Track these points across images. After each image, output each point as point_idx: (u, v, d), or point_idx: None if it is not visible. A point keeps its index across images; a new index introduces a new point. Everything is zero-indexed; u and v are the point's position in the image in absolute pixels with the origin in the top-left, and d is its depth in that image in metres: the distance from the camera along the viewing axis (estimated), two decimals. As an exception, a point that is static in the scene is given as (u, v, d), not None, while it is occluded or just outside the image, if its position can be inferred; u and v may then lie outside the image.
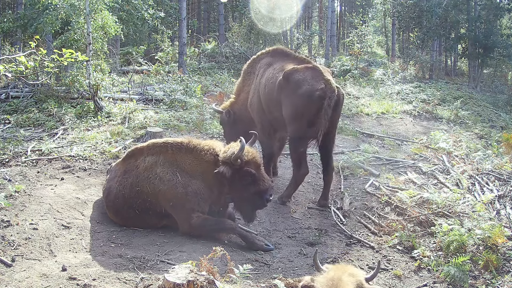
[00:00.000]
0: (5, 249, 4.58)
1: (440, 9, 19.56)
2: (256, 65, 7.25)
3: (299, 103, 6.17)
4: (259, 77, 7.02)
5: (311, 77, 6.22)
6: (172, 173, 5.31)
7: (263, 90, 6.77)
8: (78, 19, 10.78)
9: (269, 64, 6.96)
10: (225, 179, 5.18)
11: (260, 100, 6.88)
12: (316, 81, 6.16)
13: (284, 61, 6.77)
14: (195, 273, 3.66)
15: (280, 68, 6.60)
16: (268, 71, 6.84)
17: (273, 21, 18.47)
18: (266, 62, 7.07)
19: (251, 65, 7.38)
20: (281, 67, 6.62)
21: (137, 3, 15.24)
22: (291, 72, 6.33)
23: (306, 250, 5.41)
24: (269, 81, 6.68)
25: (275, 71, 6.67)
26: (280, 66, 6.69)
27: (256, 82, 7.05)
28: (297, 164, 6.56)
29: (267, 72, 6.85)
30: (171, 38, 20.14)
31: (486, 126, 12.34)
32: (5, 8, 23.84)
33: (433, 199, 6.15)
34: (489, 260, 4.82)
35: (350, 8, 39.27)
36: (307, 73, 6.29)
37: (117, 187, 5.52)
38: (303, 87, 6.15)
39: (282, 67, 6.59)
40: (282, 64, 6.67)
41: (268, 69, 6.88)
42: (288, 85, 6.30)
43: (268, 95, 6.65)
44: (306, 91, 6.11)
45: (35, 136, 8.80)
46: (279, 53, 7.11)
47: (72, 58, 5.25)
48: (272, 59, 7.03)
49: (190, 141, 5.49)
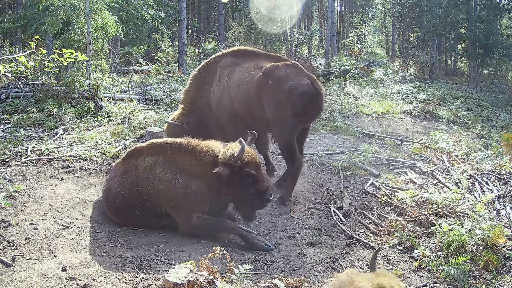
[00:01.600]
0: (5, 249, 4.58)
1: (440, 9, 19.55)
2: (212, 69, 6.98)
3: (285, 100, 6.16)
4: (224, 80, 6.80)
5: (294, 74, 6.26)
6: (172, 174, 5.31)
7: (236, 91, 6.62)
8: (78, 19, 10.79)
9: (236, 64, 6.78)
10: (224, 179, 5.17)
11: (231, 102, 6.71)
12: (300, 77, 6.23)
13: (256, 59, 6.69)
14: (195, 273, 3.67)
15: (256, 66, 6.51)
16: (238, 71, 6.69)
17: (273, 21, 18.47)
18: (229, 63, 6.86)
19: (204, 69, 7.08)
20: (256, 65, 6.53)
21: (137, 3, 15.26)
22: (272, 69, 6.29)
23: (306, 250, 5.41)
24: (244, 80, 6.55)
25: (249, 69, 6.55)
26: (254, 64, 6.58)
27: (222, 85, 6.82)
28: (290, 159, 6.53)
29: (236, 72, 6.69)
30: (171, 38, 20.15)
31: (486, 126, 12.33)
32: (5, 8, 23.84)
33: (433, 199, 6.15)
34: (489, 260, 4.82)
35: (350, 8, 39.28)
36: (289, 70, 6.31)
37: (117, 187, 5.52)
38: (288, 84, 6.15)
39: (258, 65, 6.51)
40: (256, 62, 6.59)
41: (237, 69, 6.72)
42: (269, 82, 6.26)
43: (245, 95, 6.52)
44: (291, 87, 6.13)
45: (35, 136, 8.80)
46: (244, 53, 6.97)
47: (72, 58, 5.25)
48: (236, 59, 6.85)
49: (189, 141, 5.49)
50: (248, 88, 6.49)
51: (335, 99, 14.29)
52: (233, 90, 6.70)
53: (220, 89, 6.86)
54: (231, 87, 6.71)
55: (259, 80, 6.33)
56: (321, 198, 7.07)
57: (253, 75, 6.45)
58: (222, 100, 6.86)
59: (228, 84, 6.76)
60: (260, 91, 6.35)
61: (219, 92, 6.88)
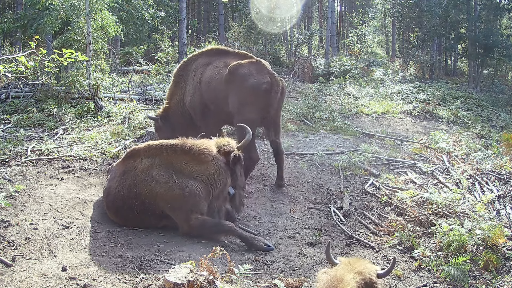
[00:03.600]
0: (5, 249, 4.58)
1: (440, 9, 19.54)
2: (189, 67, 7.43)
3: (246, 96, 6.55)
4: (197, 77, 7.22)
5: (256, 71, 6.64)
6: (168, 176, 5.31)
7: (207, 88, 7.01)
8: (78, 19, 10.78)
9: (208, 63, 7.19)
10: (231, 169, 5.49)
11: (203, 98, 7.11)
12: (262, 74, 6.62)
13: (225, 58, 7.10)
14: (195, 273, 3.67)
15: (224, 64, 6.91)
16: (209, 69, 7.10)
17: (273, 21, 18.45)
18: (202, 62, 7.28)
19: (182, 68, 7.54)
20: (225, 63, 6.92)
21: (137, 3, 15.25)
22: (236, 67, 6.67)
23: (306, 250, 5.41)
24: (213, 77, 6.95)
25: (219, 67, 6.97)
26: (223, 62, 6.98)
27: (195, 82, 7.23)
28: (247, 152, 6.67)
29: (208, 70, 7.10)
30: (171, 38, 20.13)
31: (486, 126, 12.34)
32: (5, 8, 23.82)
33: (433, 199, 6.15)
34: (489, 260, 4.82)
35: (350, 8, 39.26)
36: (252, 67, 6.69)
37: (116, 187, 5.52)
38: (250, 81, 6.55)
39: (226, 63, 6.90)
40: (225, 61, 6.99)
41: (208, 67, 7.13)
42: (234, 79, 6.64)
43: (214, 91, 6.90)
44: (253, 84, 6.52)
45: (35, 136, 8.80)
46: (216, 52, 7.40)
47: (72, 58, 5.24)
48: (209, 58, 7.27)
49: (185, 142, 5.48)
50: (217, 85, 6.87)
51: (335, 99, 14.30)
52: (204, 86, 7.09)
53: (193, 86, 7.27)
54: (203, 84, 7.11)
55: (226, 77, 6.73)
56: (321, 198, 7.07)
57: (221, 73, 6.85)
58: (195, 96, 7.26)
59: (201, 81, 7.16)
60: (226, 87, 6.74)
61: (192, 88, 7.30)
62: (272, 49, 20.30)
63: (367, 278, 3.17)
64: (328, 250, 3.51)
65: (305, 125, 11.10)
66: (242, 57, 7.03)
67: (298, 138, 10.03)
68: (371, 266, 3.40)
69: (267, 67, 6.77)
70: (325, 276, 3.17)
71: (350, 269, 3.21)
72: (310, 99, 12.37)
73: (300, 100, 13.19)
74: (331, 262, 3.47)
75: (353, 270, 3.20)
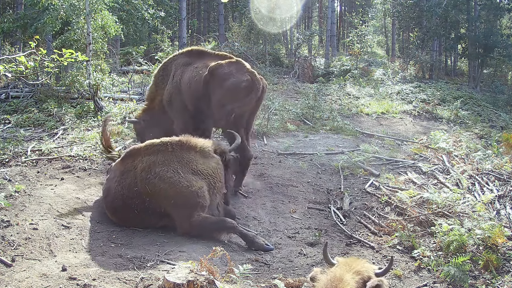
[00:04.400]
0: (5, 249, 4.58)
1: (440, 9, 19.55)
2: (169, 68, 7.44)
3: (227, 95, 6.59)
4: (177, 77, 7.22)
5: (236, 70, 6.67)
6: (173, 171, 5.32)
7: (187, 88, 7.01)
8: (78, 19, 10.78)
9: (188, 64, 7.20)
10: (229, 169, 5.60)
11: (182, 98, 7.12)
12: (241, 74, 6.65)
13: (205, 58, 7.12)
14: (195, 273, 3.67)
15: (204, 65, 6.91)
16: (189, 69, 7.10)
17: (273, 21, 18.46)
18: (182, 62, 7.29)
19: (162, 69, 7.55)
20: (204, 64, 6.93)
21: (137, 3, 15.24)
22: (216, 67, 6.68)
23: (306, 250, 5.41)
24: (193, 78, 6.93)
25: (198, 68, 6.96)
26: (202, 63, 6.99)
27: (175, 82, 7.24)
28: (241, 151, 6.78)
29: (188, 71, 7.10)
30: (171, 38, 20.12)
31: (486, 126, 12.34)
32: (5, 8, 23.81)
33: (433, 199, 6.15)
34: (489, 260, 4.82)
35: (350, 8, 39.24)
36: (232, 67, 6.72)
37: (116, 187, 5.52)
38: (230, 80, 6.58)
39: (205, 63, 6.90)
40: (205, 61, 6.99)
41: (188, 68, 7.13)
42: (214, 79, 6.65)
43: (194, 91, 6.89)
44: (233, 83, 6.55)
45: (35, 136, 8.80)
46: (196, 53, 7.41)
47: (72, 58, 5.24)
48: (189, 59, 7.28)
49: (188, 139, 5.51)
50: (197, 85, 6.87)
51: (335, 99, 14.30)
52: (184, 87, 7.09)
53: (173, 86, 7.27)
54: (183, 84, 7.12)
55: (206, 78, 6.74)
56: (321, 198, 7.08)
57: (201, 73, 6.86)
58: (172, 96, 7.27)
59: (180, 82, 7.17)
60: (207, 87, 6.76)
61: (172, 89, 7.29)
62: (272, 49, 20.29)
63: (366, 277, 3.19)
64: (325, 250, 3.53)
65: (305, 125, 11.10)
66: (221, 58, 7.03)
67: (298, 138, 10.04)
68: (369, 265, 3.43)
69: (246, 66, 6.77)
70: (325, 276, 3.18)
71: (348, 269, 3.24)
72: (310, 99, 12.37)
73: (300, 100, 13.19)
74: (329, 262, 3.48)
75: (352, 269, 3.22)
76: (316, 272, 3.30)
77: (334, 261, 3.46)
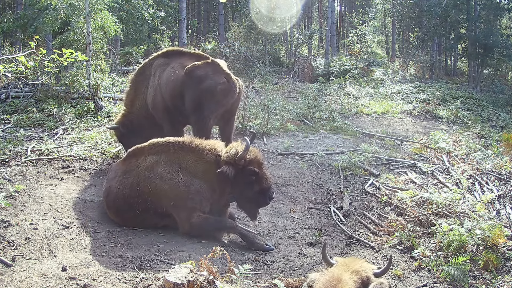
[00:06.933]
0: (5, 249, 4.58)
1: (440, 9, 19.55)
2: (147, 71, 7.34)
3: (203, 97, 6.58)
4: (156, 79, 7.15)
5: (212, 72, 6.65)
6: (174, 172, 5.31)
7: (165, 89, 6.98)
8: (78, 19, 10.77)
9: (166, 64, 7.14)
10: (228, 178, 5.19)
11: (164, 99, 7.06)
12: (218, 75, 6.63)
13: (181, 59, 7.08)
14: (195, 273, 3.66)
15: (180, 66, 6.89)
16: (167, 70, 7.05)
17: (273, 21, 18.46)
18: (160, 63, 7.22)
19: (140, 73, 7.45)
20: (181, 64, 6.90)
21: (137, 3, 15.23)
22: (192, 69, 6.66)
23: (306, 250, 5.41)
24: (170, 79, 6.91)
25: (175, 69, 6.93)
26: (179, 64, 6.96)
27: (155, 84, 7.17)
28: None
29: (166, 72, 7.05)
30: (171, 38, 20.14)
31: (486, 126, 12.34)
32: (5, 8, 23.82)
33: (433, 199, 6.15)
34: (489, 260, 4.82)
35: (350, 8, 39.25)
36: (208, 68, 6.69)
37: (118, 186, 5.51)
38: (206, 82, 6.56)
39: (182, 64, 6.88)
40: (181, 62, 6.96)
41: (166, 68, 7.08)
42: (190, 81, 6.64)
43: (172, 92, 6.88)
44: (209, 85, 6.53)
45: (35, 136, 8.80)
46: (173, 53, 7.35)
47: (72, 58, 5.23)
48: (166, 59, 7.22)
49: (192, 140, 5.50)
50: (174, 86, 6.86)
51: (335, 99, 14.30)
52: (163, 88, 7.06)
53: (154, 89, 7.22)
54: (162, 85, 7.08)
55: (182, 79, 6.74)
56: (321, 198, 7.08)
57: (177, 74, 6.85)
58: (156, 98, 7.20)
59: (159, 83, 7.14)
60: (183, 88, 6.74)
61: (153, 91, 7.24)
62: (272, 49, 20.29)
63: (364, 277, 3.20)
64: (324, 251, 3.54)
65: (305, 125, 11.10)
66: (197, 58, 6.99)
67: (298, 138, 10.04)
68: (368, 265, 3.45)
69: (223, 68, 6.75)
70: (323, 277, 3.19)
71: (347, 268, 3.25)
72: (310, 99, 12.37)
73: (300, 100, 13.19)
74: (328, 262, 3.49)
75: (350, 269, 3.23)
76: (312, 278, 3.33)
77: (333, 261, 3.46)
